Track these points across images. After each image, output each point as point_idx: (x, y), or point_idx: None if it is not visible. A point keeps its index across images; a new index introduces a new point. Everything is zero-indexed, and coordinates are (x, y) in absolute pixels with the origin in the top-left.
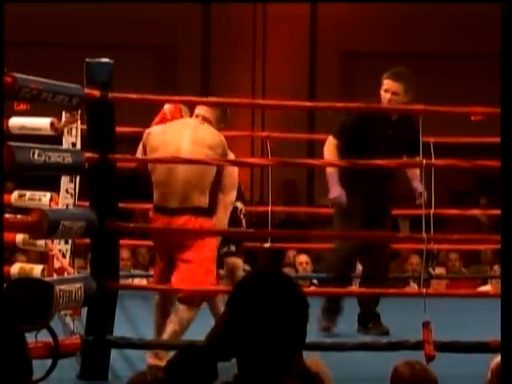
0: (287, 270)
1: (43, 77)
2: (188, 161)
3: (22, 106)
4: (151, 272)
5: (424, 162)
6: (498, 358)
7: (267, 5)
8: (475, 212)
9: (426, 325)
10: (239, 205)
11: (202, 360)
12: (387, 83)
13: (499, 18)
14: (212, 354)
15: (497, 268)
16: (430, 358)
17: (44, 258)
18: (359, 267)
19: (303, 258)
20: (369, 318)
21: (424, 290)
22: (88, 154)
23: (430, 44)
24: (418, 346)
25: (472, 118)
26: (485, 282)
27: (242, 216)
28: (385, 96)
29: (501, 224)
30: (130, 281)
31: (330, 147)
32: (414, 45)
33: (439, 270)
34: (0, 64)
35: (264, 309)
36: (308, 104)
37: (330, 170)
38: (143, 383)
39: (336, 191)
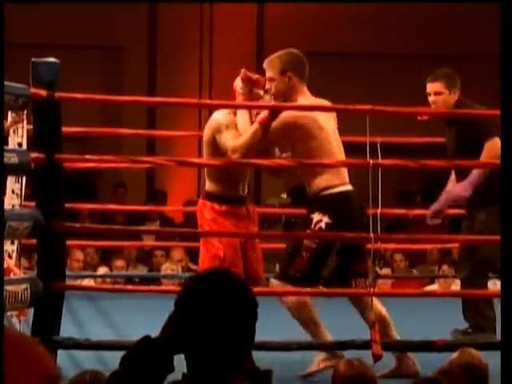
0: None
1: None
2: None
3: None
4: (99, 272)
5: (371, 161)
6: (452, 358)
7: (214, 5)
8: (420, 212)
9: (373, 324)
10: (316, 216)
11: (157, 353)
12: (428, 86)
13: (453, 15)
14: (168, 347)
15: (446, 268)
16: (377, 358)
17: None
18: None
19: None
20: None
21: (371, 290)
22: (34, 154)
23: (379, 43)
24: (365, 345)
25: (419, 118)
26: (432, 282)
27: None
28: (429, 99)
29: (501, 224)
30: (79, 281)
31: None
32: (361, 45)
33: (384, 271)
34: (0, 64)
35: (212, 308)
36: (253, 104)
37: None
38: (82, 383)
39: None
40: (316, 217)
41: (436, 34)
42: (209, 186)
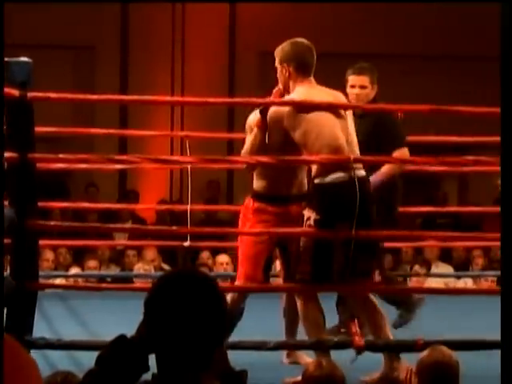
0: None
1: None
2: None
3: None
4: (71, 272)
5: (352, 157)
6: (422, 356)
7: (186, 5)
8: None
9: (352, 321)
10: (306, 213)
11: (132, 352)
12: (352, 79)
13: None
14: (142, 346)
15: (417, 267)
16: (359, 349)
17: None
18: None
19: (223, 258)
20: None
21: (347, 287)
22: (7, 154)
23: (354, 43)
24: (343, 344)
25: None
26: (405, 281)
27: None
28: (352, 92)
29: (501, 223)
30: (50, 281)
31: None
32: (335, 44)
33: None
34: (0, 64)
35: (179, 307)
36: (226, 100)
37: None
38: None
39: None
40: (306, 213)
41: (409, 33)
42: (257, 183)
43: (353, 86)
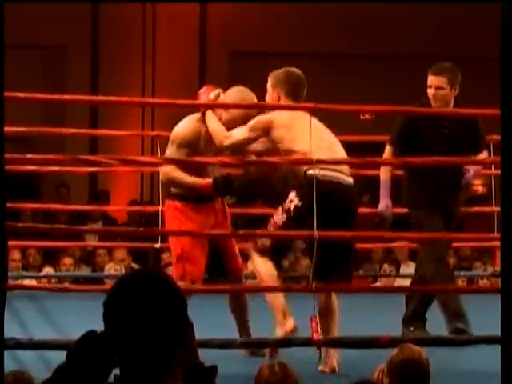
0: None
1: None
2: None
3: None
4: (42, 273)
5: (315, 158)
6: (392, 355)
7: (156, 5)
8: (367, 210)
9: (313, 319)
10: (292, 195)
11: (101, 347)
12: (430, 79)
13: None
14: (111, 342)
15: (386, 267)
16: (317, 343)
17: None
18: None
19: None
20: (412, 321)
21: (313, 287)
22: None
23: (319, 44)
24: (306, 342)
25: (361, 116)
26: (375, 281)
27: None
28: (429, 92)
29: (501, 223)
30: (19, 282)
31: (387, 157)
32: (306, 44)
33: None
34: (0, 64)
35: (138, 308)
36: (196, 102)
37: (382, 178)
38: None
39: (382, 204)
40: (290, 196)
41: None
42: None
43: (429, 87)
